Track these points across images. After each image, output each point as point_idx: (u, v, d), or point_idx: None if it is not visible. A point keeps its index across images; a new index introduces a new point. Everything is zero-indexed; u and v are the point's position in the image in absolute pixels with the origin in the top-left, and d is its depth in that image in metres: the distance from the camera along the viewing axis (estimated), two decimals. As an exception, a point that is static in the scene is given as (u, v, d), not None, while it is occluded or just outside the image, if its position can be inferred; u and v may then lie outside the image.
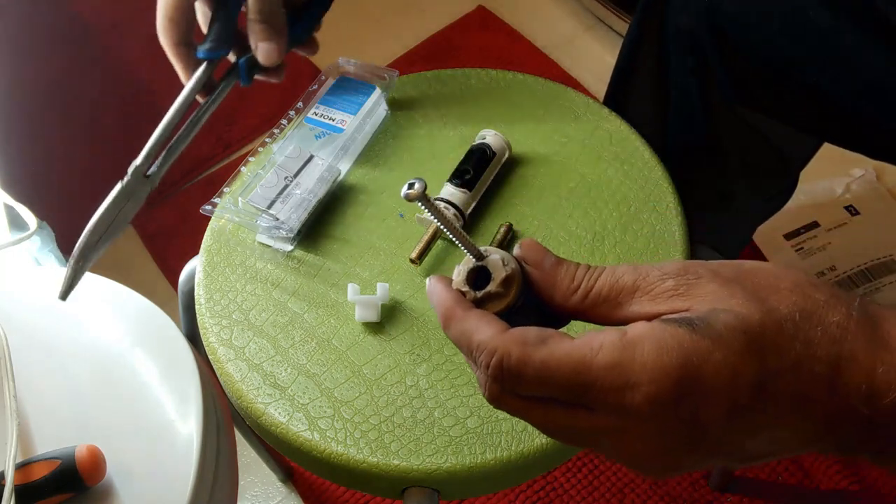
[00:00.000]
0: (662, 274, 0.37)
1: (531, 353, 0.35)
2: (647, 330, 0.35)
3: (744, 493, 1.12)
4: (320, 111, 0.78)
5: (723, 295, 0.35)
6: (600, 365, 0.34)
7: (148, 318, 0.69)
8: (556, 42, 1.64)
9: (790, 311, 0.35)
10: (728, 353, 0.34)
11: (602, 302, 0.38)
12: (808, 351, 0.35)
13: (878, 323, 0.36)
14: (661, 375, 0.34)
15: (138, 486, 0.59)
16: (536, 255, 0.39)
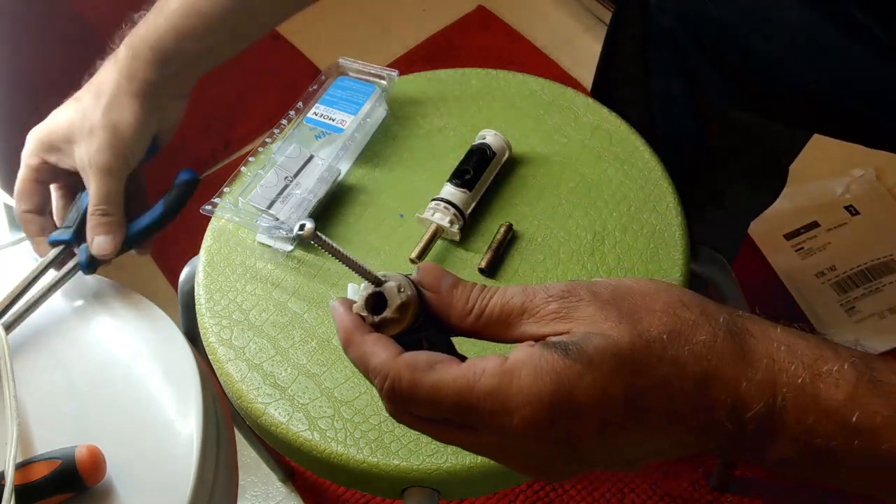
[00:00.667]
0: (548, 297, 0.39)
1: (420, 379, 0.38)
2: (526, 356, 0.37)
3: (744, 493, 1.12)
4: (320, 111, 0.77)
5: (598, 318, 0.38)
6: (481, 391, 0.37)
7: (148, 318, 0.69)
8: (556, 42, 1.64)
9: (659, 332, 0.37)
10: (598, 375, 0.36)
11: (494, 323, 0.40)
12: (675, 370, 0.37)
13: (743, 339, 0.38)
14: (536, 400, 0.36)
15: (138, 486, 0.59)
16: (433, 280, 0.41)
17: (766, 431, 0.37)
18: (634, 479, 1.13)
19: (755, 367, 0.37)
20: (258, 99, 1.63)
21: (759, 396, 0.37)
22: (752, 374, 0.37)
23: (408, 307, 0.40)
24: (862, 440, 0.37)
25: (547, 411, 0.36)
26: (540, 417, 0.37)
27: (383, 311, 0.40)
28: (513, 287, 0.40)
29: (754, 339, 0.38)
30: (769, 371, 0.37)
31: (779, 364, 0.38)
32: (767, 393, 0.37)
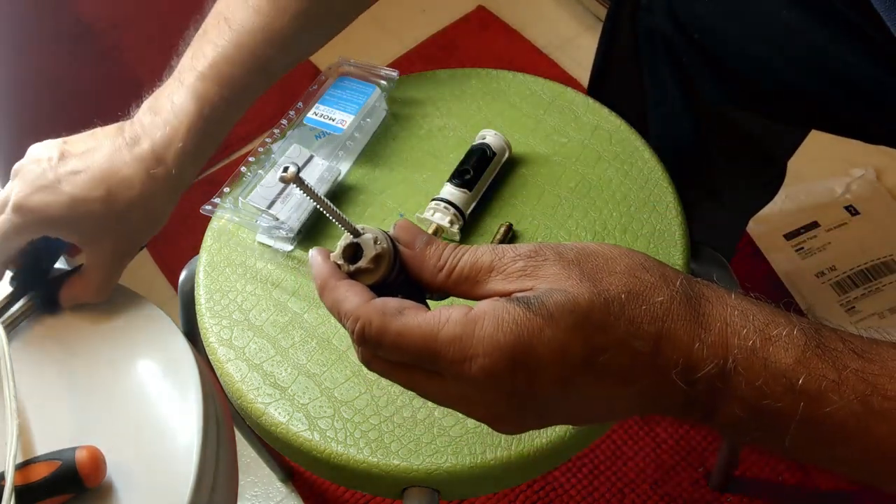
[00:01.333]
0: (515, 256, 0.41)
1: (389, 323, 0.39)
2: (489, 307, 0.39)
3: (744, 493, 1.12)
4: (320, 111, 0.77)
5: (562, 276, 0.40)
6: (444, 338, 0.39)
7: (148, 318, 0.68)
8: (556, 42, 1.64)
9: (618, 291, 0.39)
10: (557, 330, 0.38)
11: (464, 280, 0.41)
12: (631, 329, 0.39)
13: (699, 303, 0.40)
14: (495, 349, 0.38)
15: (138, 487, 0.59)
16: (408, 237, 0.43)
17: (717, 392, 0.39)
18: (634, 479, 1.13)
19: (708, 330, 0.39)
20: (258, 99, 1.63)
21: (710, 358, 0.39)
22: (704, 336, 0.39)
23: (382, 259, 0.42)
24: (807, 402, 0.38)
25: (507, 361, 0.38)
26: (499, 367, 0.38)
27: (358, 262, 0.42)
28: (483, 246, 0.42)
29: (709, 304, 0.40)
30: (721, 334, 0.39)
31: (731, 327, 0.39)
32: (719, 354, 0.39)
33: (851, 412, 0.38)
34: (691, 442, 1.16)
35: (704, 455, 1.15)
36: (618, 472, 1.14)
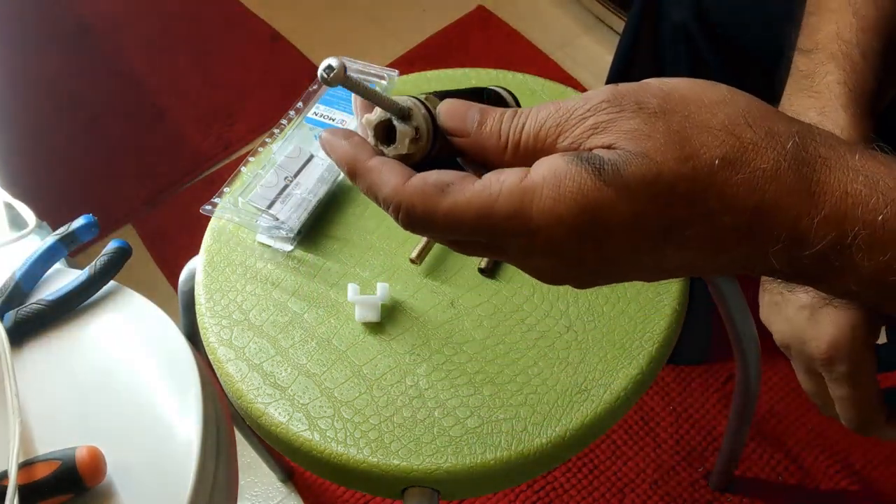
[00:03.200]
0: (585, 112, 0.35)
1: (435, 205, 0.35)
2: (548, 170, 0.34)
3: (744, 494, 1.12)
4: (320, 111, 0.77)
5: (642, 134, 0.34)
6: (500, 214, 0.34)
7: (148, 318, 0.68)
8: (556, 42, 1.64)
9: (711, 156, 0.33)
10: (633, 203, 0.33)
11: (533, 152, 0.36)
12: (724, 201, 0.33)
13: (813, 168, 0.34)
14: (559, 223, 0.34)
15: (138, 487, 0.59)
16: (457, 123, 0.38)
17: (829, 267, 0.34)
18: (634, 479, 1.13)
19: (822, 201, 0.34)
20: (258, 99, 1.63)
21: (823, 233, 0.34)
22: (816, 210, 0.33)
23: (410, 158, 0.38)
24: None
25: (574, 233, 0.34)
26: (565, 240, 0.34)
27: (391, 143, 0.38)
28: (545, 107, 0.37)
29: (827, 169, 0.34)
30: (840, 206, 0.34)
31: (853, 197, 0.34)
32: (836, 228, 0.34)
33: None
34: (691, 442, 1.16)
35: (704, 455, 1.15)
36: (618, 472, 1.14)
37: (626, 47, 0.89)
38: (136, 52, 1.77)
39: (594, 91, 0.36)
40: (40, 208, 0.77)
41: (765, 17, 0.74)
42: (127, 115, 1.66)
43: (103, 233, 1.42)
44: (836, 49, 0.55)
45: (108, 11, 1.85)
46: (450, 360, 0.64)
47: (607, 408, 0.62)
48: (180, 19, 1.80)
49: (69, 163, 1.59)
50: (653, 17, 0.83)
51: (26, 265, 0.69)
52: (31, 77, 1.74)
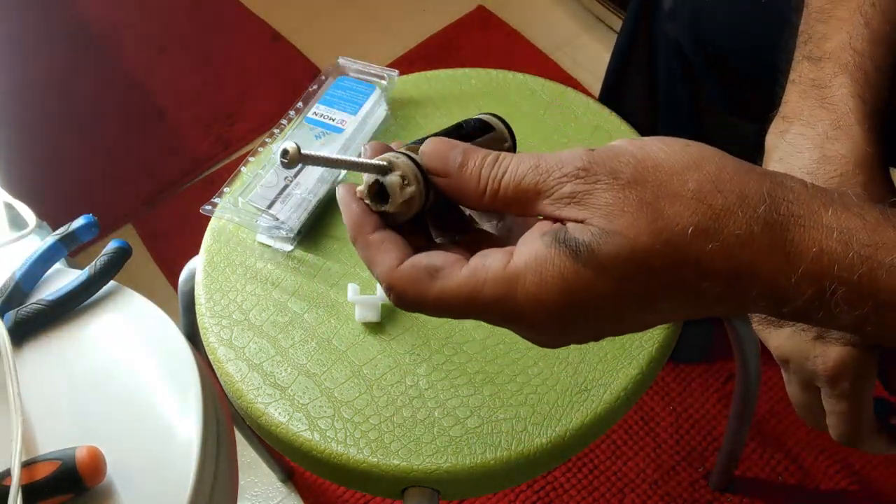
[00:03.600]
0: (561, 177, 0.36)
1: (425, 291, 0.37)
2: (531, 258, 0.35)
3: (744, 494, 1.12)
4: (320, 111, 0.77)
5: (615, 209, 0.35)
6: (487, 299, 0.36)
7: (148, 318, 0.68)
8: (556, 42, 1.64)
9: (684, 226, 0.34)
10: (611, 281, 0.34)
11: (510, 203, 0.38)
12: (699, 269, 0.34)
13: (786, 229, 0.35)
14: (543, 308, 0.35)
15: (138, 487, 0.59)
16: (439, 164, 0.39)
17: (810, 319, 0.35)
18: (634, 479, 1.13)
19: (798, 261, 0.34)
20: (258, 99, 1.63)
21: (801, 290, 0.34)
22: (793, 269, 0.34)
23: (412, 202, 0.39)
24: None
25: (556, 317, 0.36)
26: (549, 320, 0.36)
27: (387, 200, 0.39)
28: (525, 161, 0.38)
29: (801, 229, 0.35)
30: (817, 262, 0.34)
31: (829, 255, 0.34)
32: (813, 285, 0.34)
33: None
34: (691, 442, 1.16)
35: (704, 455, 1.15)
36: (618, 472, 1.14)
37: (619, 61, 0.89)
38: (136, 52, 1.77)
39: (570, 154, 0.37)
40: (40, 208, 0.77)
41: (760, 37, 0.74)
42: (127, 115, 1.66)
43: (103, 233, 1.42)
44: (848, 60, 0.55)
45: (109, 11, 1.85)
46: (450, 360, 0.64)
47: (607, 408, 0.62)
48: (180, 19, 1.80)
49: (69, 163, 1.59)
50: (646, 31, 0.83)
51: (26, 265, 0.69)
52: (31, 77, 1.74)
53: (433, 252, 0.38)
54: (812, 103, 0.55)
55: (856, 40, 0.55)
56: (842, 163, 0.51)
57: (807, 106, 0.55)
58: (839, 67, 0.55)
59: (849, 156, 0.51)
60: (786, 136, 0.55)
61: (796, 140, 0.54)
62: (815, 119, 0.54)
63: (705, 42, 0.78)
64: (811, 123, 0.54)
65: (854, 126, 0.52)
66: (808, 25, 0.58)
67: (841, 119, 0.53)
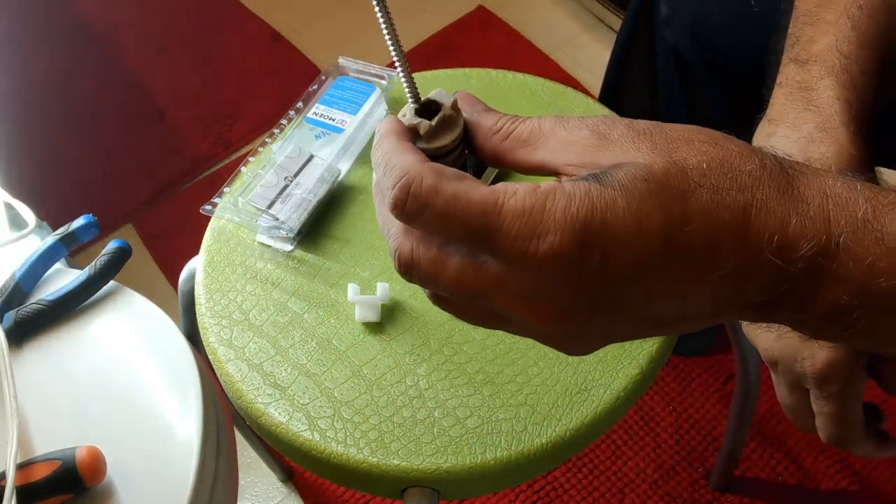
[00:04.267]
0: (581, 123, 0.37)
1: (444, 185, 0.34)
2: (556, 185, 0.34)
3: (744, 494, 1.12)
4: (320, 111, 0.77)
5: (630, 148, 0.35)
6: (510, 210, 0.34)
7: (147, 317, 0.68)
8: (556, 42, 1.64)
9: (699, 160, 0.35)
10: (631, 199, 0.33)
11: (520, 146, 0.38)
12: (715, 198, 0.34)
13: (793, 178, 0.35)
14: (567, 225, 0.33)
15: (138, 487, 0.59)
16: (470, 101, 0.41)
17: (819, 273, 0.34)
18: (634, 479, 1.13)
19: (807, 202, 0.34)
20: (258, 99, 1.63)
21: (810, 234, 0.34)
22: (803, 209, 0.34)
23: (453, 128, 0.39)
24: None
25: (579, 237, 0.33)
26: (572, 246, 0.33)
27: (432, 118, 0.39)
28: (546, 116, 0.38)
29: (806, 177, 0.35)
30: (823, 206, 0.34)
31: (834, 199, 0.35)
32: (821, 230, 0.34)
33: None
34: (691, 442, 1.16)
35: (704, 455, 1.15)
36: (618, 472, 1.14)
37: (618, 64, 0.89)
38: (136, 52, 1.77)
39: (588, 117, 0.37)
40: (40, 208, 0.77)
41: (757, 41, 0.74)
42: (127, 115, 1.66)
43: (103, 233, 1.42)
44: (834, 62, 0.55)
45: (109, 11, 1.85)
46: (450, 360, 0.64)
47: (607, 408, 0.62)
48: (180, 19, 1.80)
49: (69, 163, 1.59)
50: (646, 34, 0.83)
51: (26, 265, 0.69)
52: (31, 77, 1.74)
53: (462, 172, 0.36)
54: (798, 106, 0.55)
55: (842, 43, 0.55)
56: (826, 165, 0.51)
57: (793, 109, 0.55)
58: (825, 70, 0.55)
59: (834, 158, 0.51)
60: (772, 138, 0.55)
61: (782, 143, 0.54)
62: (800, 121, 0.54)
63: (703, 47, 0.78)
64: (797, 126, 0.54)
65: (839, 128, 0.52)
66: (796, 28, 0.59)
67: (826, 121, 0.53)
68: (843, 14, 0.56)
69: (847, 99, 0.54)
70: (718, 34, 0.76)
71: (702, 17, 0.77)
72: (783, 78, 0.57)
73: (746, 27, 0.75)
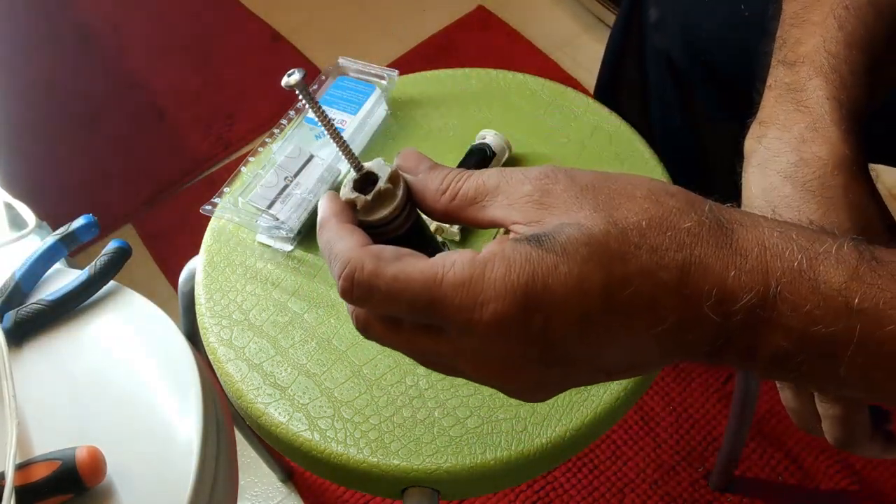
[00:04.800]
0: (523, 178, 0.38)
1: (383, 268, 0.36)
2: (497, 249, 0.35)
3: (744, 494, 1.12)
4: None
5: (573, 206, 0.36)
6: (450, 282, 0.35)
7: (148, 318, 0.68)
8: (556, 42, 1.64)
9: (638, 218, 0.36)
10: (572, 264, 0.34)
11: (469, 204, 0.38)
12: (653, 258, 0.35)
13: (731, 228, 0.36)
14: (508, 292, 0.34)
15: (138, 487, 0.59)
16: (412, 163, 0.41)
17: (759, 323, 0.36)
18: (634, 479, 1.13)
19: (745, 255, 0.35)
20: (258, 99, 1.63)
21: (749, 285, 0.35)
22: (741, 263, 0.35)
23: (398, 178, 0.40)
24: (864, 323, 0.35)
25: (521, 302, 0.34)
26: (514, 311, 0.34)
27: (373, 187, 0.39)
28: (490, 170, 0.39)
29: (743, 228, 0.36)
30: (761, 258, 0.35)
31: (771, 250, 0.36)
32: (759, 281, 0.35)
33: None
34: (691, 442, 1.16)
35: (704, 455, 1.15)
36: (618, 472, 1.14)
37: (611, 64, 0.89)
38: (136, 52, 1.77)
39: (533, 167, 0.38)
40: (40, 208, 0.77)
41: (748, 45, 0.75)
42: (127, 115, 1.66)
43: (103, 233, 1.42)
44: (823, 63, 0.55)
45: (109, 12, 1.85)
46: (450, 360, 0.64)
47: (607, 408, 0.62)
48: (180, 19, 1.80)
49: (69, 163, 1.59)
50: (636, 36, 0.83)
51: (26, 265, 0.69)
52: (31, 77, 1.74)
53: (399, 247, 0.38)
54: (788, 107, 0.55)
55: (830, 43, 0.56)
56: (819, 165, 0.51)
57: (783, 110, 0.55)
58: (814, 70, 0.55)
59: (826, 158, 0.51)
60: (763, 140, 0.55)
61: (773, 144, 0.54)
62: (791, 122, 0.54)
63: (694, 52, 0.78)
64: (787, 127, 0.54)
65: (831, 128, 0.52)
66: (783, 30, 0.59)
67: (817, 121, 0.53)
68: (830, 15, 0.56)
69: (837, 98, 0.54)
70: (709, 39, 0.76)
71: (692, 22, 0.77)
72: (772, 80, 0.57)
73: (737, 32, 0.75)
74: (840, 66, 0.55)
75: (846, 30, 0.56)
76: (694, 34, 0.77)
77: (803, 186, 0.51)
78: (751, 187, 0.53)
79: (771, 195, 0.52)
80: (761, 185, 0.53)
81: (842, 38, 0.55)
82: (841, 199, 0.50)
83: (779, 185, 0.52)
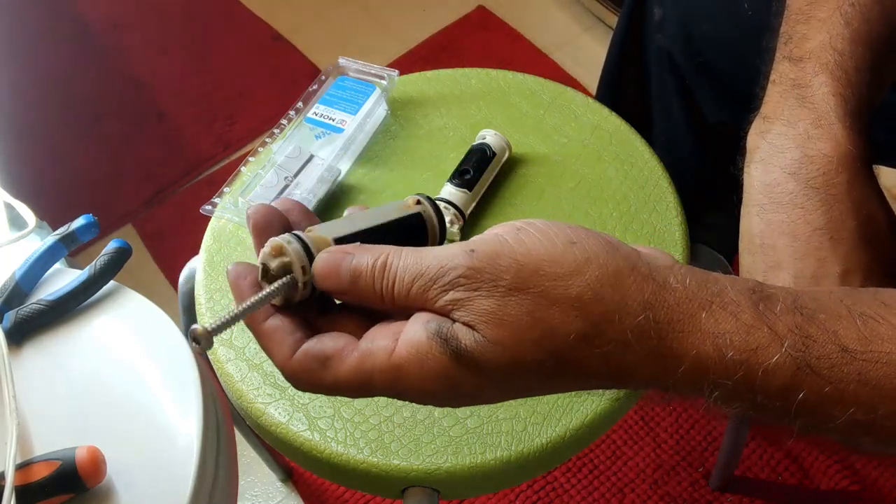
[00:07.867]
0: (444, 285, 0.37)
1: (319, 380, 0.39)
2: (413, 350, 0.37)
3: (744, 494, 1.12)
4: (320, 111, 0.77)
5: (496, 319, 0.36)
6: (378, 386, 0.38)
7: (148, 318, 0.68)
8: (556, 42, 1.64)
9: (565, 334, 0.36)
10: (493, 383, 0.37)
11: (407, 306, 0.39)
12: (580, 373, 0.37)
13: (664, 337, 0.36)
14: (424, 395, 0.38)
15: (138, 487, 0.59)
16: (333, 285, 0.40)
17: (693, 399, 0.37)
18: (634, 479, 1.13)
19: (677, 365, 0.36)
20: (258, 99, 1.63)
21: (681, 390, 0.36)
22: (673, 373, 0.36)
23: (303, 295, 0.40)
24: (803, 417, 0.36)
25: (437, 398, 0.38)
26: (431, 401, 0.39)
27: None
28: (409, 268, 0.38)
29: (679, 335, 0.36)
30: (695, 367, 0.36)
31: (705, 361, 0.36)
32: (690, 388, 0.36)
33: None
34: (691, 442, 1.16)
35: (704, 455, 1.15)
36: (618, 472, 1.14)
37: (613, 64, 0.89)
38: (136, 52, 1.77)
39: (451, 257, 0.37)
40: (40, 208, 0.77)
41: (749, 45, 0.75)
42: (127, 115, 1.66)
43: (103, 233, 1.42)
44: (829, 59, 0.55)
45: (109, 11, 1.85)
46: (450, 360, 0.64)
47: (607, 408, 0.62)
48: (180, 19, 1.80)
49: (69, 163, 1.59)
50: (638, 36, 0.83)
51: (26, 265, 0.69)
52: (31, 77, 1.74)
53: (323, 336, 0.39)
54: (793, 103, 0.55)
55: (836, 40, 0.55)
56: (824, 161, 0.51)
57: (787, 105, 0.55)
58: (820, 67, 0.55)
59: (831, 154, 0.51)
60: (767, 136, 0.55)
61: (777, 140, 0.54)
62: (795, 118, 0.54)
63: (695, 51, 0.78)
64: (792, 123, 0.54)
65: (835, 124, 0.52)
66: (789, 26, 0.59)
67: (822, 118, 0.53)
68: (836, 11, 0.56)
69: (842, 95, 0.54)
70: (711, 39, 0.76)
71: (693, 22, 0.77)
72: (777, 75, 0.57)
73: (739, 30, 0.75)
74: (846, 63, 0.54)
75: (852, 27, 0.55)
76: (695, 32, 0.77)
77: (807, 183, 0.51)
78: (753, 183, 0.53)
79: (774, 191, 0.52)
80: (764, 180, 0.53)
81: (848, 34, 0.55)
82: (845, 197, 0.50)
83: (782, 182, 0.52)
